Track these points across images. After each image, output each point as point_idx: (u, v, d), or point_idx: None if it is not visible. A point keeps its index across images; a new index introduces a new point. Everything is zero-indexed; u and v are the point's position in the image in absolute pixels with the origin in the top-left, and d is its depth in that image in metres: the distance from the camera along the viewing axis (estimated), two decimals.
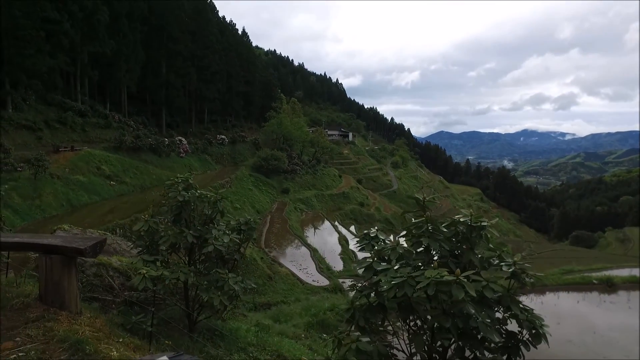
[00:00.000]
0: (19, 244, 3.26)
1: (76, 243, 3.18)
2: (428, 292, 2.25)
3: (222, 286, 3.89)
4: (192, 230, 4.13)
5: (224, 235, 4.01)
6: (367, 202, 63.84)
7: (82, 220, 23.59)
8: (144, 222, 4.00)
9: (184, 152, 46.21)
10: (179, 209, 4.07)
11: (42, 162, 24.96)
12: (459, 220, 2.90)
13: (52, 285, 3.19)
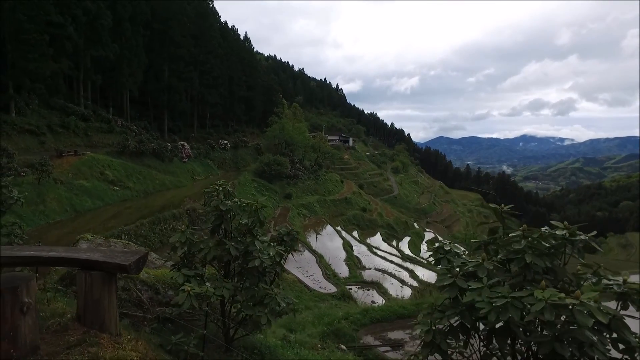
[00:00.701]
0: (56, 259, 2.95)
1: (118, 258, 2.87)
2: (546, 317, 1.96)
3: (268, 303, 3.57)
4: (233, 241, 3.81)
5: (270, 247, 3.69)
6: (369, 208, 63.57)
7: (86, 226, 23.24)
8: (180, 233, 3.69)
9: (187, 157, 45.92)
10: (220, 219, 3.75)
11: (46, 166, 24.64)
12: (553, 233, 2.60)
13: (91, 304, 2.88)
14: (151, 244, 22.73)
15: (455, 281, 2.60)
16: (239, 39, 74.57)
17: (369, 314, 13.65)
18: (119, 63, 41.52)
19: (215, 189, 3.88)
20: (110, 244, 5.35)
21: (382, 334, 13.19)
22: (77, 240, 5.25)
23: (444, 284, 2.65)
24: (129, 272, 2.80)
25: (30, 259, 2.93)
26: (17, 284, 2.42)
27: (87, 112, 37.96)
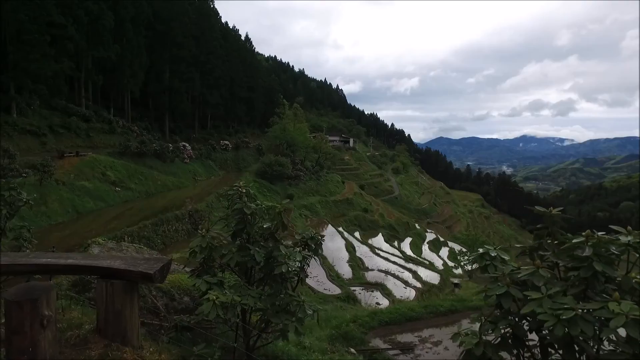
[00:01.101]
0: (74, 267, 2.75)
1: (141, 266, 2.68)
2: (631, 333, 1.77)
3: (296, 311, 3.38)
4: (256, 246, 3.62)
5: (296, 253, 3.50)
6: (371, 209, 63.38)
7: (88, 227, 23.08)
8: (201, 238, 3.50)
9: (188, 158, 45.73)
10: (243, 222, 3.55)
11: (48, 167, 24.46)
12: (616, 239, 2.41)
13: (113, 316, 2.68)
14: (154, 246, 22.51)
15: (509, 290, 2.40)
16: (240, 39, 74.47)
17: (377, 317, 13.45)
18: (120, 64, 41.37)
19: (238, 191, 3.68)
20: (123, 248, 5.16)
21: (391, 337, 12.99)
22: (89, 245, 5.06)
23: (495, 292, 2.45)
24: (153, 281, 2.61)
25: (47, 267, 2.74)
26: (36, 295, 2.23)
27: (88, 113, 37.79)
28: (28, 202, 5.10)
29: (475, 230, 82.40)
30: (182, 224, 25.76)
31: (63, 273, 3.26)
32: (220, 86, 59.31)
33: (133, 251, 5.23)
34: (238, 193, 3.69)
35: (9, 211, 4.90)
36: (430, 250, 59.83)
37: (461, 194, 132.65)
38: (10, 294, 2.23)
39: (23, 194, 5.13)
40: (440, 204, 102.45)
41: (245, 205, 3.56)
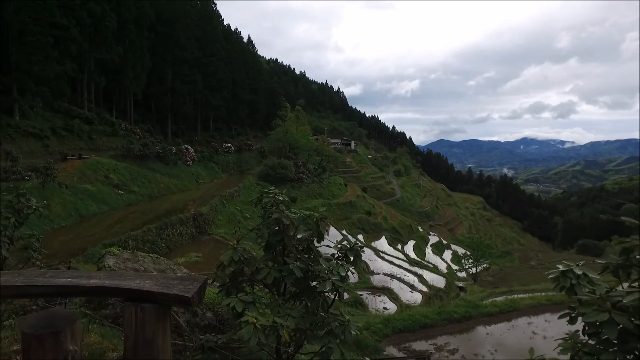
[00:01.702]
0: (97, 288, 2.39)
1: (176, 288, 2.32)
2: None
3: (341, 332, 3.02)
4: (293, 259, 3.26)
5: (340, 267, 3.14)
6: (374, 211, 63.09)
7: (91, 231, 22.73)
8: (232, 250, 3.14)
9: (191, 161, 45.41)
10: (280, 234, 3.20)
11: (51, 170, 24.12)
12: None
13: (143, 344, 2.32)
14: (158, 250, 22.16)
15: (612, 317, 2.03)
16: (242, 41, 74.28)
17: (390, 324, 13.09)
18: (123, 66, 41.10)
19: (275, 199, 3.33)
20: (139, 259, 4.81)
21: (406, 345, 12.61)
22: (103, 256, 4.71)
23: (595, 319, 2.08)
24: (191, 305, 2.25)
25: (67, 288, 2.37)
26: (59, 326, 1.88)
27: (91, 115, 37.48)
28: (38, 209, 4.76)
29: (477, 233, 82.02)
30: (187, 228, 25.41)
31: (85, 295, 2.91)
32: (223, 88, 59.06)
33: (150, 262, 4.88)
34: (274, 201, 3.34)
35: (17, 219, 4.56)
36: (433, 253, 59.48)
37: (463, 197, 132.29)
38: (29, 325, 1.88)
39: (32, 200, 4.79)
40: (442, 207, 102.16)
41: (283, 214, 3.20)
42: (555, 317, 14.92)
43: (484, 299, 17.87)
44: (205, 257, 22.85)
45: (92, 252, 17.87)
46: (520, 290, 20.05)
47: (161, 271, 4.84)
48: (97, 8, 35.91)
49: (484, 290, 26.70)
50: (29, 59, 29.49)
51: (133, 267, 4.59)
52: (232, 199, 36.69)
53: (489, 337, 12.97)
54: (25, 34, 29.00)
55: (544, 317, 14.53)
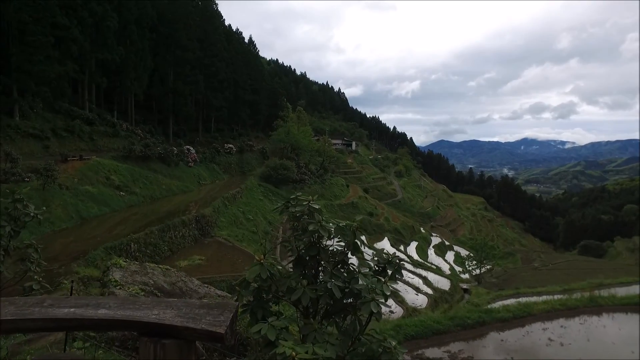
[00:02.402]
0: (108, 322, 1.99)
1: (204, 320, 1.94)
2: None
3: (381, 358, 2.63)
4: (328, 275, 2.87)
5: (383, 285, 2.75)
6: (376, 212, 62.75)
7: (92, 233, 22.36)
8: (259, 266, 2.75)
9: (193, 162, 45.04)
10: (316, 248, 2.81)
11: (51, 172, 23.75)
12: None
13: None
14: (161, 253, 21.81)
15: None
16: (244, 42, 73.95)
17: (402, 330, 12.67)
18: (124, 66, 40.75)
19: (310, 207, 2.93)
20: (148, 271, 4.41)
21: (419, 353, 12.20)
22: (108, 268, 4.32)
23: None
24: (224, 341, 1.85)
25: (69, 322, 1.97)
26: None
27: (92, 116, 37.11)
28: (36, 216, 4.34)
29: (479, 234, 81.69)
30: (189, 230, 25.03)
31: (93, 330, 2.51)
32: (225, 89, 58.72)
33: (159, 274, 4.49)
34: (308, 210, 2.94)
35: (13, 228, 4.15)
36: (436, 254, 59.12)
37: (464, 197, 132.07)
38: None
39: (31, 207, 4.36)
40: (443, 207, 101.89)
41: (321, 226, 2.80)
42: (571, 322, 14.54)
43: (491, 301, 17.49)
44: (208, 259, 22.49)
45: (94, 255, 17.50)
46: (528, 292, 19.65)
47: (172, 284, 4.45)
48: (99, 8, 35.57)
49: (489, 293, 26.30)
50: (30, 59, 29.16)
51: (142, 280, 4.21)
52: (235, 201, 36.32)
53: (504, 343, 12.54)
54: (25, 34, 28.67)
55: (558, 322, 14.12)
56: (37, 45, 29.19)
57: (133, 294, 3.76)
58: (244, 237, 29.32)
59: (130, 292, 3.79)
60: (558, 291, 18.57)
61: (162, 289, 4.20)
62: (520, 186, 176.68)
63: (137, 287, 3.99)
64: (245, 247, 26.46)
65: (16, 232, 4.14)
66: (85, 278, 16.02)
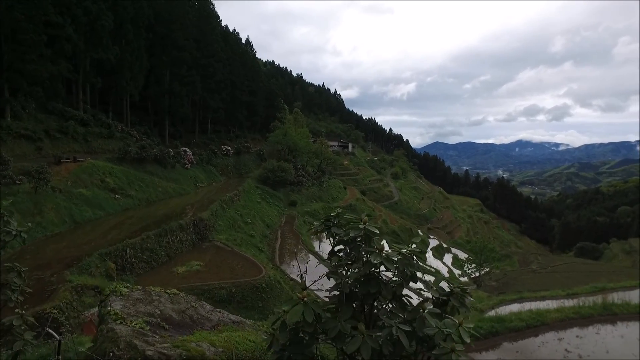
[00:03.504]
0: None
1: None
2: None
3: None
4: (382, 314, 2.31)
5: (459, 328, 2.20)
6: (374, 215, 62.23)
7: (86, 238, 21.60)
8: (303, 306, 2.19)
9: (189, 164, 44.27)
10: (376, 284, 2.25)
11: (44, 174, 22.94)
12: None
13: None
14: (158, 258, 21.11)
15: None
16: (241, 43, 73.27)
17: None
18: (120, 66, 39.93)
19: (367, 231, 2.37)
20: (153, 298, 3.80)
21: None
22: (107, 297, 3.68)
23: None
24: None
25: None
26: None
27: (86, 117, 36.23)
28: (19, 234, 3.69)
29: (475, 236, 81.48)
30: (187, 234, 24.33)
31: None
32: (221, 90, 58.01)
33: (167, 301, 3.88)
34: (365, 235, 2.38)
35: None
36: (434, 256, 58.69)
37: (460, 199, 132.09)
38: None
39: (12, 223, 3.70)
40: (439, 209, 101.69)
41: (386, 259, 2.24)
42: (586, 332, 14.05)
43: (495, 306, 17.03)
44: (206, 265, 21.80)
45: (88, 262, 16.78)
46: (532, 297, 19.20)
47: (181, 312, 3.85)
48: (93, 6, 34.76)
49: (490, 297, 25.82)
50: (22, 58, 28.34)
51: (146, 310, 3.61)
52: (232, 203, 35.63)
53: (519, 355, 12.04)
54: (17, 32, 27.84)
55: (572, 331, 13.63)
56: (29, 43, 28.37)
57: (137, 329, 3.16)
58: (243, 241, 28.63)
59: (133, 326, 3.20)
60: (562, 296, 18.16)
61: (170, 320, 3.61)
62: (515, 188, 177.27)
63: (141, 319, 3.39)
64: (244, 251, 25.78)
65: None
66: (79, 287, 15.32)
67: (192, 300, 4.20)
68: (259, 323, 4.38)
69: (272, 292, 19.19)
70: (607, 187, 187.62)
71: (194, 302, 4.19)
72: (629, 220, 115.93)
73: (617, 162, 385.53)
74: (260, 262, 23.08)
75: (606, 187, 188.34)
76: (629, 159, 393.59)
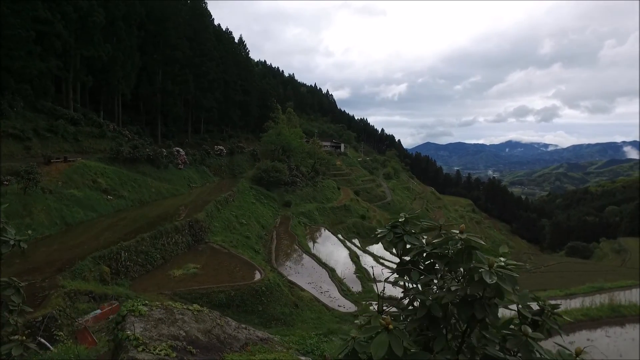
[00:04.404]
0: None
1: None
2: None
3: None
4: (475, 338, 1.89)
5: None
6: (368, 215, 62.10)
7: (78, 240, 20.86)
8: (388, 336, 1.76)
9: (182, 164, 43.49)
10: (484, 310, 1.81)
11: (33, 174, 22.12)
12: None
13: None
14: (153, 261, 20.48)
15: None
16: (234, 42, 72.49)
17: None
18: (111, 65, 39.00)
19: (466, 243, 1.94)
20: (176, 317, 3.29)
21: None
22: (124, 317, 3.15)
23: None
24: None
25: None
26: None
27: (77, 116, 35.25)
28: (18, 244, 3.07)
29: None
30: (182, 236, 23.70)
31: None
32: (215, 89, 57.23)
33: (191, 319, 3.38)
34: (465, 248, 1.94)
35: None
36: None
37: (452, 199, 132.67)
38: None
39: (10, 231, 3.09)
40: (432, 210, 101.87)
41: (500, 277, 1.79)
42: (595, 334, 13.82)
43: None
44: (203, 267, 21.23)
45: (81, 266, 16.12)
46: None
47: (207, 332, 3.36)
48: (84, 3, 33.85)
49: None
50: (10, 54, 27.41)
51: (170, 333, 3.11)
52: (227, 204, 35.01)
53: None
54: (4, 28, 26.90)
55: (582, 334, 13.42)
56: (17, 39, 27.46)
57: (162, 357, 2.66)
58: (239, 243, 28.06)
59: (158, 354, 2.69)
60: (561, 296, 18.03)
61: (196, 343, 3.12)
62: (506, 188, 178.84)
63: (165, 344, 2.89)
64: (241, 253, 25.23)
65: None
66: (72, 292, 14.64)
67: (216, 317, 3.72)
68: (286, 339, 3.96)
69: (272, 295, 18.70)
70: (595, 187, 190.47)
71: (218, 318, 3.71)
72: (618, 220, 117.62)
73: (604, 163, 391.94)
74: (258, 265, 22.57)
75: (594, 187, 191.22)
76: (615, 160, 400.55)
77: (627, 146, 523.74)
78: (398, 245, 2.25)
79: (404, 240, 2.23)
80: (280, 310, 18.32)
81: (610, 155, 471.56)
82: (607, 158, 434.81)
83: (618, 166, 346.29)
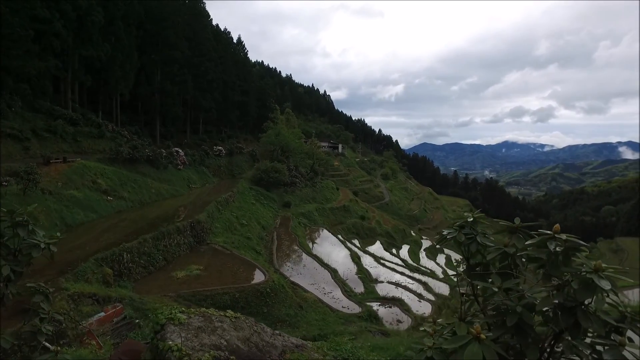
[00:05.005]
0: None
1: None
2: None
3: None
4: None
5: None
6: (368, 216, 61.96)
7: (78, 241, 20.58)
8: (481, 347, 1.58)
9: (182, 164, 43.17)
10: (586, 316, 1.64)
11: (33, 175, 21.81)
12: None
13: None
14: (155, 263, 20.22)
15: None
16: (233, 42, 72.21)
17: None
18: (110, 64, 38.66)
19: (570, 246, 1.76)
20: (215, 325, 3.06)
21: None
22: (163, 326, 2.92)
23: None
24: None
25: None
26: None
27: (75, 116, 34.89)
28: (48, 247, 2.74)
29: None
30: (184, 237, 23.44)
31: None
32: (213, 89, 56.93)
33: (229, 326, 3.17)
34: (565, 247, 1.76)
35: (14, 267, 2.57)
36: (427, 257, 58.52)
37: (449, 200, 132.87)
38: None
39: (39, 233, 2.73)
40: (430, 210, 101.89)
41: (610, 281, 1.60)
42: None
43: None
44: (206, 269, 20.98)
45: (84, 268, 15.86)
46: None
47: (246, 340, 3.15)
48: (83, 2, 33.51)
49: None
50: (7, 53, 27.06)
51: (211, 342, 2.90)
52: (227, 205, 34.76)
53: None
54: (2, 27, 26.54)
55: None
56: (15, 38, 27.10)
57: None
58: (240, 244, 27.82)
59: None
60: None
61: (238, 352, 2.92)
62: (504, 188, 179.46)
63: (208, 354, 2.69)
64: (243, 254, 25.01)
65: (18, 272, 2.64)
66: (76, 295, 14.38)
67: (253, 323, 3.52)
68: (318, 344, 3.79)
69: (276, 297, 18.49)
70: (591, 188, 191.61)
71: (255, 325, 3.52)
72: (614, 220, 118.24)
73: (599, 163, 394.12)
74: (262, 266, 22.35)
75: (590, 188, 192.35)
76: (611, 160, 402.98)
77: (622, 146, 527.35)
78: (471, 247, 2.07)
79: (477, 241, 2.05)
80: (285, 311, 18.12)
81: (606, 155, 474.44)
82: (603, 158, 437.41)
83: (613, 166, 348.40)
